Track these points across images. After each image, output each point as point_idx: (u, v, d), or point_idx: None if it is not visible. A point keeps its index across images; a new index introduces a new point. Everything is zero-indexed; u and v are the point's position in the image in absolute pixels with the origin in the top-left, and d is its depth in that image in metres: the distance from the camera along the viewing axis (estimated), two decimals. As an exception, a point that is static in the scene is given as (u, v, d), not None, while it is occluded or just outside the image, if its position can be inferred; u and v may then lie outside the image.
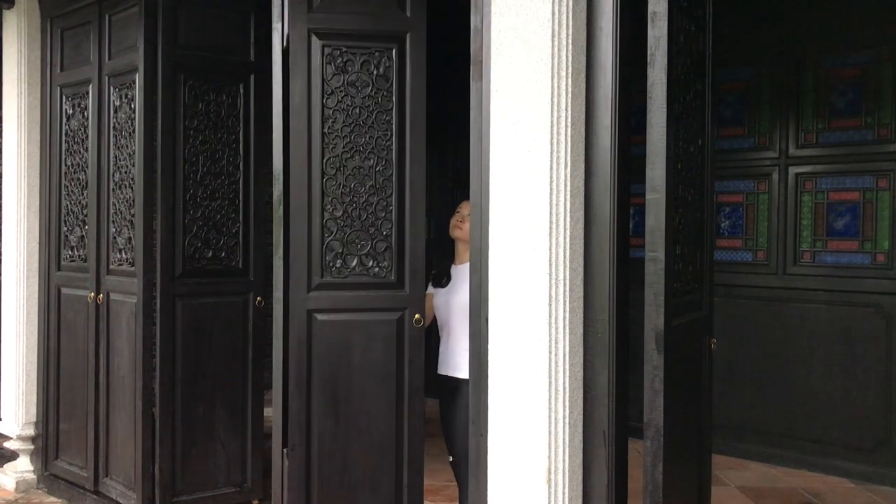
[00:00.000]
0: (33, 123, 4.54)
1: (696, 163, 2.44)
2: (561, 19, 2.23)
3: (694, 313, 2.46)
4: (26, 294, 4.53)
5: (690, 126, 2.37)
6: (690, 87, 2.36)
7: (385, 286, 3.14)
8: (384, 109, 3.12)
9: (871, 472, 4.72)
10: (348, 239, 3.12)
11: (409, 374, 3.15)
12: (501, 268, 2.37)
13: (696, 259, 2.47)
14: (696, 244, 2.46)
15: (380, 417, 3.13)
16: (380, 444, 3.14)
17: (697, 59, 2.44)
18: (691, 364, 2.48)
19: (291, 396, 3.08)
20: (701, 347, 2.58)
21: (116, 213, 4.04)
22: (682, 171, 2.28)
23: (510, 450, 2.35)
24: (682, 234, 2.30)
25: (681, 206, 2.28)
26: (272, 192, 3.17)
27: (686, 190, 2.33)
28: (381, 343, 3.11)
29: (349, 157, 3.11)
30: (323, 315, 3.09)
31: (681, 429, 2.30)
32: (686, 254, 2.35)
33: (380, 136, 3.12)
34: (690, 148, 2.37)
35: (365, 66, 3.11)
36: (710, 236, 2.62)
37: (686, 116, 2.31)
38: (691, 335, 2.45)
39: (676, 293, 2.24)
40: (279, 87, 3.13)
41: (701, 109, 2.48)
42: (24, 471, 4.56)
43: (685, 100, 2.30)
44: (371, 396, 3.12)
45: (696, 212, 2.46)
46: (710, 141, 2.58)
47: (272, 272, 3.19)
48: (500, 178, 2.37)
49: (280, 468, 3.15)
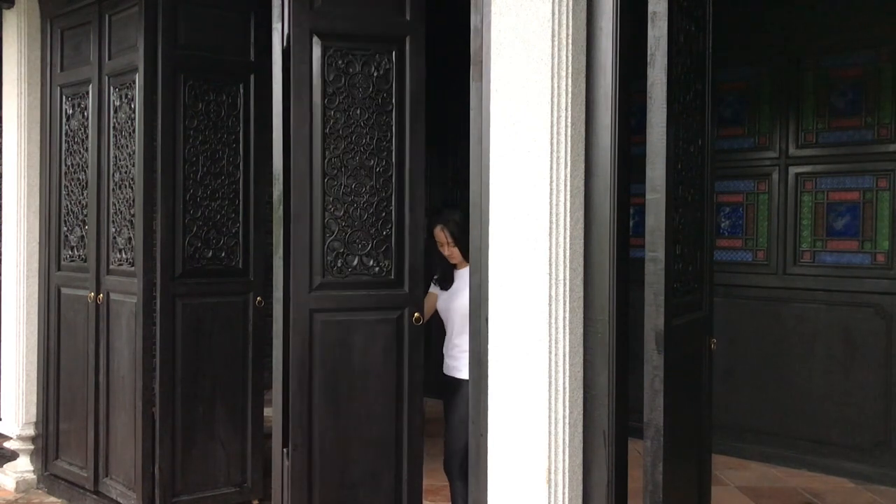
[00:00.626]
0: (33, 123, 4.54)
1: (696, 163, 2.44)
2: (561, 19, 2.23)
3: (694, 313, 2.46)
4: (26, 294, 4.53)
5: (690, 126, 2.37)
6: (690, 87, 2.36)
7: (385, 285, 3.15)
8: (384, 110, 3.13)
9: (871, 472, 4.72)
10: (349, 239, 3.12)
11: (409, 372, 3.16)
12: (501, 268, 2.37)
13: (696, 259, 2.47)
14: (696, 244, 2.46)
15: (380, 416, 3.14)
16: (380, 443, 3.14)
17: (697, 59, 2.44)
18: (691, 364, 2.48)
19: (293, 396, 3.08)
20: (701, 347, 2.58)
21: (116, 213, 4.04)
22: (682, 171, 2.28)
23: (510, 450, 2.35)
24: (682, 234, 2.30)
25: (681, 206, 2.28)
26: (272, 192, 3.17)
27: (686, 190, 2.33)
28: (381, 342, 3.12)
29: (350, 157, 3.12)
30: (324, 315, 3.10)
31: (681, 429, 2.30)
32: (686, 254, 2.35)
33: (380, 137, 3.13)
34: (690, 148, 2.37)
35: (365, 67, 3.12)
36: (710, 236, 2.62)
37: (686, 116, 2.31)
38: (691, 335, 2.45)
39: (676, 293, 2.24)
40: (279, 87, 3.13)
41: (701, 109, 2.48)
42: (24, 471, 4.56)
43: (685, 100, 2.30)
44: (371, 395, 3.13)
45: (696, 212, 2.46)
46: (710, 141, 2.58)
47: (272, 272, 3.19)
48: (500, 178, 2.37)
49: (280, 468, 3.15)
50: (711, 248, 2.65)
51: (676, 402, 2.20)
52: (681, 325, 2.27)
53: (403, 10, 3.13)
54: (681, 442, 2.31)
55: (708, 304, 2.62)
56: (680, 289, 2.29)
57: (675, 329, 2.19)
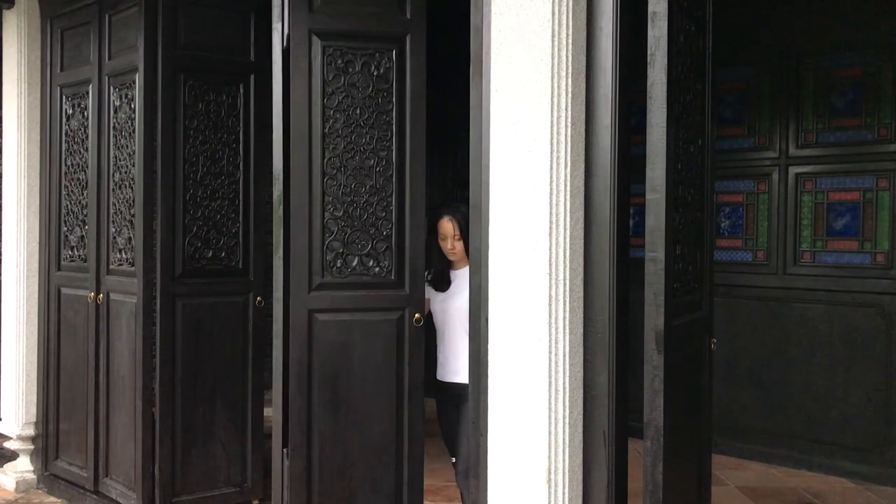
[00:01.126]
0: (33, 123, 4.54)
1: (696, 163, 2.44)
2: (561, 19, 2.23)
3: (694, 313, 2.46)
4: (26, 294, 4.53)
5: (690, 126, 2.37)
6: (690, 87, 2.36)
7: (385, 286, 3.15)
8: (384, 110, 3.12)
9: (871, 472, 4.72)
10: (349, 239, 3.12)
11: (410, 373, 3.15)
12: (501, 268, 2.37)
13: (696, 259, 2.47)
14: (696, 244, 2.46)
15: (380, 416, 3.13)
16: (380, 443, 3.14)
17: (697, 59, 2.44)
18: (691, 364, 2.48)
19: (292, 396, 3.08)
20: (701, 347, 2.58)
21: (116, 213, 4.04)
22: (682, 171, 2.28)
23: (510, 450, 2.35)
24: (682, 234, 2.30)
25: (681, 206, 2.28)
26: (272, 192, 3.17)
27: (686, 190, 2.33)
28: (381, 342, 3.12)
29: (350, 157, 3.11)
30: (324, 315, 3.09)
31: (681, 429, 2.30)
32: (686, 254, 2.35)
33: (380, 137, 3.12)
34: (690, 148, 2.37)
35: (365, 66, 3.12)
36: (710, 236, 2.62)
37: (686, 116, 2.31)
38: (691, 335, 2.45)
39: (676, 293, 2.24)
40: (279, 87, 3.13)
41: (701, 109, 2.48)
42: (24, 471, 4.56)
43: (685, 100, 2.30)
44: (371, 396, 3.12)
45: (695, 212, 2.46)
46: (710, 141, 2.58)
47: (272, 272, 3.19)
48: (500, 178, 2.37)
49: (280, 468, 3.15)
50: (711, 248, 2.65)
51: (676, 402, 2.21)
52: (681, 325, 2.27)
53: (404, 8, 3.13)
54: (681, 442, 2.31)
55: (708, 304, 2.62)
56: (680, 289, 2.29)
57: (675, 329, 2.19)
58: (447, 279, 3.41)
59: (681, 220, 2.28)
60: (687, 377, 2.41)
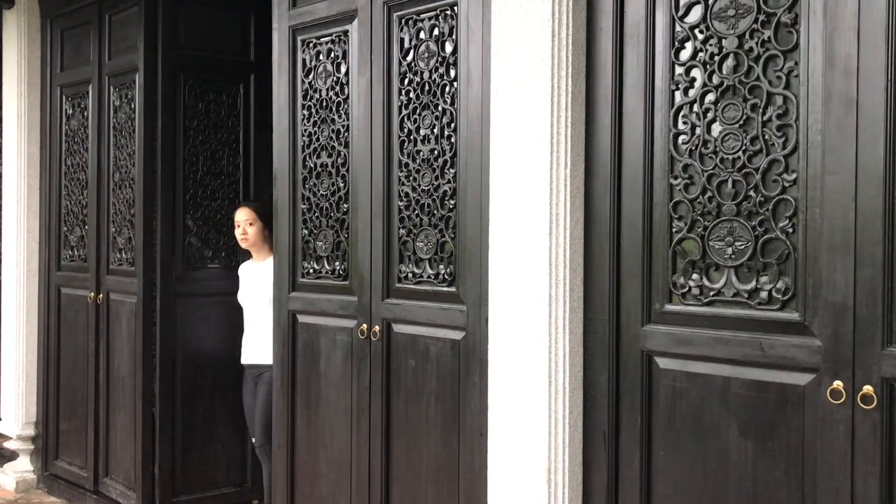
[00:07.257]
0: (33, 123, 4.54)
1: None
2: (561, 19, 2.23)
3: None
4: (26, 294, 4.53)
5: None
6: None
7: (343, 290, 2.96)
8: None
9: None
10: (317, 239, 3.08)
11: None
12: (501, 268, 2.37)
13: (696, 259, 2.46)
14: (696, 244, 2.46)
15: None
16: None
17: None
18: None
19: (276, 397, 3.16)
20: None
21: (116, 213, 4.05)
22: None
23: (510, 450, 2.35)
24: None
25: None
26: (272, 192, 3.18)
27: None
28: (340, 350, 2.98)
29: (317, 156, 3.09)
30: (302, 317, 3.09)
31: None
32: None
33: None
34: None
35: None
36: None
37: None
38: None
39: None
40: (279, 86, 3.13)
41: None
42: (24, 471, 4.57)
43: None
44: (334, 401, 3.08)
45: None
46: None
47: (272, 272, 3.20)
48: (500, 178, 2.37)
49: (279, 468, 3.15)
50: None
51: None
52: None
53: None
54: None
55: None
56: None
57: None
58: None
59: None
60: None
